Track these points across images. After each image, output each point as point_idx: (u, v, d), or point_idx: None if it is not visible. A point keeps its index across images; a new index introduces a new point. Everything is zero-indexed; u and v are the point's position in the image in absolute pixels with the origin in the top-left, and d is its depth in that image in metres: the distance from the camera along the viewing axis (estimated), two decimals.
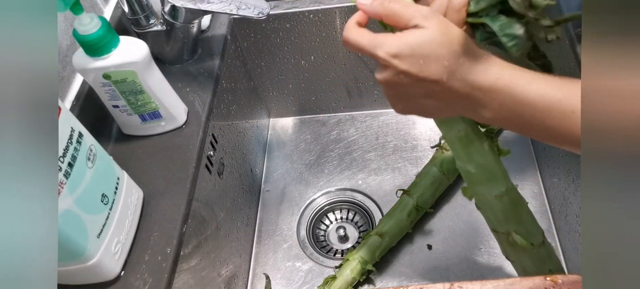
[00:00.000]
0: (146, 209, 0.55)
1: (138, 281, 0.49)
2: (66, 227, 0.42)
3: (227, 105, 0.72)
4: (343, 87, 0.86)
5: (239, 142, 0.76)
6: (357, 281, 0.69)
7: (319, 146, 0.89)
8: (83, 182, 0.44)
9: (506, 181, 0.49)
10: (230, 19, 0.74)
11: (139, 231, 0.53)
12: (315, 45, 0.79)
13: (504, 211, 0.49)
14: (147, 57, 0.55)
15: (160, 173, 0.58)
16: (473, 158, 0.47)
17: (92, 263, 0.46)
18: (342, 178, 0.83)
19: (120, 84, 0.55)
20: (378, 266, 0.72)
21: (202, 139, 0.61)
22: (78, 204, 0.43)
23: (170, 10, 0.62)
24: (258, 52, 0.80)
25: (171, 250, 0.51)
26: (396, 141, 0.87)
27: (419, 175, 0.75)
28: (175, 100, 0.61)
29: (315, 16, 0.74)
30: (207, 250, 0.61)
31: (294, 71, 0.84)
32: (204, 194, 0.61)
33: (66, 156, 0.42)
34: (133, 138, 0.62)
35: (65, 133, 0.42)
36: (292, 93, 0.88)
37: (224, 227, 0.67)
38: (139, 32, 0.64)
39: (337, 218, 0.81)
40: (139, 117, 0.59)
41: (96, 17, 0.50)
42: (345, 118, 0.92)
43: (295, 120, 0.93)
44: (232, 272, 0.69)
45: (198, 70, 0.68)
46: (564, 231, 0.69)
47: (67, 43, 0.61)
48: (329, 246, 0.78)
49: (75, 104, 0.60)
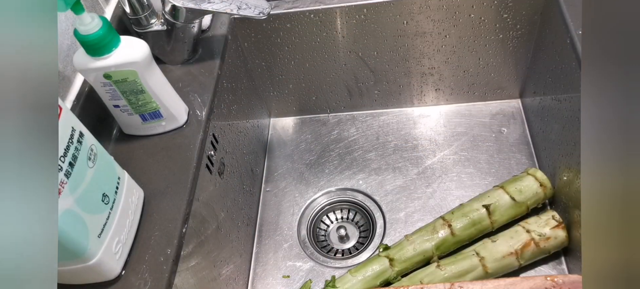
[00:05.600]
0: (147, 209, 0.55)
1: (139, 280, 0.49)
2: (67, 227, 0.42)
3: (228, 105, 0.72)
4: (344, 87, 0.87)
5: (239, 142, 0.76)
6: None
7: (319, 146, 0.89)
8: (84, 182, 0.44)
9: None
10: (231, 18, 0.75)
11: (140, 231, 0.53)
12: (315, 45, 0.79)
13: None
14: (148, 57, 0.55)
15: (161, 173, 0.58)
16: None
17: (92, 263, 0.46)
18: (342, 178, 0.83)
19: (121, 84, 0.55)
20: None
21: (202, 139, 0.61)
22: (79, 204, 0.43)
23: (171, 10, 0.62)
24: (259, 52, 0.80)
25: (172, 250, 0.51)
26: (397, 141, 0.87)
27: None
28: (175, 100, 0.61)
29: (316, 16, 0.74)
30: (207, 250, 0.61)
31: (294, 71, 0.84)
32: (204, 194, 0.61)
33: (67, 156, 0.42)
34: (134, 138, 0.62)
35: (66, 133, 0.42)
36: (293, 93, 0.88)
37: (224, 227, 0.67)
38: (139, 31, 0.64)
39: (337, 218, 0.81)
40: (139, 116, 0.59)
41: (97, 16, 0.50)
42: (346, 118, 0.92)
43: (295, 120, 0.93)
44: (232, 272, 0.69)
45: (199, 70, 0.68)
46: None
47: (68, 43, 0.61)
48: (330, 246, 0.78)
49: (76, 104, 0.60)
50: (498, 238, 0.67)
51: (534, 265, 0.68)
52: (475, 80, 0.84)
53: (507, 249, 0.65)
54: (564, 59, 0.64)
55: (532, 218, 0.68)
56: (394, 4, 0.72)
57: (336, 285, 0.68)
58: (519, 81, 0.84)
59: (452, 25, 0.75)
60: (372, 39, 0.77)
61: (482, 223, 0.69)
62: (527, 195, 0.69)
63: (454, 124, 0.87)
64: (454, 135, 0.85)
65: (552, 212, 0.68)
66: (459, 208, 0.71)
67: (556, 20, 0.66)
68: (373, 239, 0.76)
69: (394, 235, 0.75)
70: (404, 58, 0.80)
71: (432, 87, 0.86)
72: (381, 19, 0.74)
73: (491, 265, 0.65)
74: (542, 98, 0.75)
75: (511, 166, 0.79)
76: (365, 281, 0.68)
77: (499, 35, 0.76)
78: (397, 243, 0.71)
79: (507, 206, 0.69)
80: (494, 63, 0.81)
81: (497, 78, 0.84)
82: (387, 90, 0.87)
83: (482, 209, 0.69)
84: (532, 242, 0.65)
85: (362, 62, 0.81)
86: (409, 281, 0.67)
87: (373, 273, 0.68)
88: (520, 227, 0.67)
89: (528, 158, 0.80)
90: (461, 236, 0.69)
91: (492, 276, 0.65)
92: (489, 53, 0.79)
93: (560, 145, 0.68)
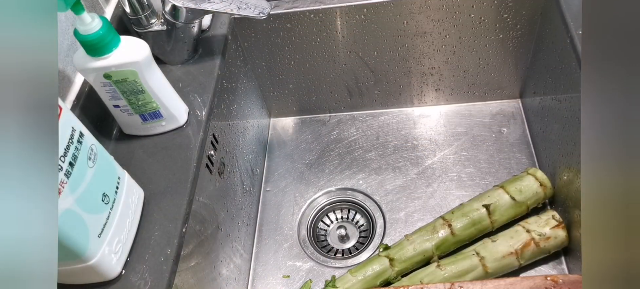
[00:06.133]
0: (147, 209, 0.55)
1: (139, 280, 0.49)
2: (67, 227, 0.42)
3: (228, 105, 0.72)
4: (344, 87, 0.87)
5: (239, 142, 0.76)
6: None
7: (319, 146, 0.89)
8: (84, 182, 0.44)
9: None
10: (231, 18, 0.75)
11: (140, 231, 0.53)
12: (315, 44, 0.79)
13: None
14: (148, 57, 0.55)
15: (161, 173, 0.58)
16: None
17: (92, 263, 0.46)
18: (342, 178, 0.83)
19: (121, 84, 0.55)
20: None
21: (202, 139, 0.61)
22: (79, 204, 0.43)
23: (171, 10, 0.62)
24: (259, 52, 0.80)
25: (172, 250, 0.51)
26: (397, 141, 0.87)
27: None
28: (175, 100, 0.61)
29: (316, 16, 0.74)
30: (207, 250, 0.61)
31: (294, 71, 0.84)
32: (204, 194, 0.61)
33: (67, 156, 0.42)
34: (134, 138, 0.62)
35: (66, 133, 0.42)
36: (293, 93, 0.88)
37: (224, 227, 0.67)
38: (139, 31, 0.64)
39: (337, 218, 0.81)
40: (139, 116, 0.59)
41: (97, 16, 0.50)
42: (346, 117, 0.92)
43: (295, 120, 0.93)
44: (232, 272, 0.69)
45: (199, 69, 0.68)
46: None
47: (68, 42, 0.61)
48: (330, 246, 0.78)
49: (76, 104, 0.60)
50: (498, 238, 0.67)
51: (534, 265, 0.68)
52: (475, 80, 0.84)
53: (507, 249, 0.65)
54: (564, 59, 0.64)
55: (532, 218, 0.68)
56: (394, 4, 0.72)
57: (336, 285, 0.68)
58: (519, 81, 0.84)
59: (452, 25, 0.75)
60: (372, 39, 0.77)
61: (482, 223, 0.69)
62: (527, 195, 0.69)
63: (454, 124, 0.87)
64: (454, 135, 0.85)
65: (552, 212, 0.68)
66: (459, 208, 0.71)
67: (556, 20, 0.66)
68: (373, 239, 0.76)
69: (394, 235, 0.75)
70: (404, 58, 0.80)
71: (432, 87, 0.86)
72: (381, 18, 0.74)
73: (491, 265, 0.65)
74: (542, 98, 0.75)
75: (511, 166, 0.79)
76: (365, 281, 0.68)
77: (499, 35, 0.76)
78: (397, 243, 0.71)
79: (507, 206, 0.69)
80: (494, 63, 0.81)
81: (497, 78, 0.84)
82: (387, 90, 0.87)
83: (482, 209, 0.69)
84: (532, 242, 0.65)
85: (362, 62, 0.81)
86: (409, 281, 0.67)
87: (373, 272, 0.68)
88: (520, 227, 0.67)
89: (528, 158, 0.80)
90: (461, 236, 0.69)
91: (492, 276, 0.65)
92: (489, 53, 0.79)
93: (560, 145, 0.68)
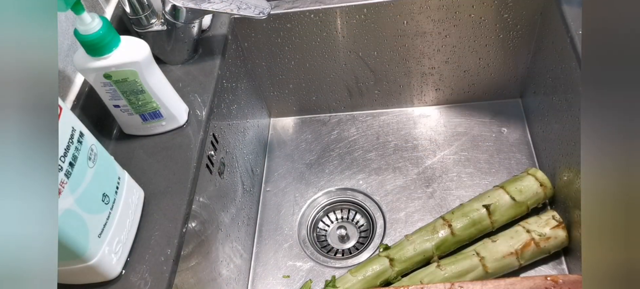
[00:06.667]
0: (147, 209, 0.55)
1: (139, 280, 0.49)
2: (67, 227, 0.42)
3: (228, 105, 0.72)
4: (344, 87, 0.87)
5: (239, 142, 0.76)
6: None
7: (319, 146, 0.89)
8: (84, 182, 0.44)
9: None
10: (231, 18, 0.75)
11: (140, 231, 0.53)
12: (316, 45, 0.79)
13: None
14: (148, 57, 0.55)
15: (161, 173, 0.58)
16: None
17: (93, 263, 0.46)
18: (342, 178, 0.83)
19: (121, 84, 0.55)
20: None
21: (202, 139, 0.61)
22: (79, 204, 0.43)
23: (171, 10, 0.62)
24: (259, 52, 0.80)
25: (172, 250, 0.51)
26: (397, 141, 0.87)
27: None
28: (176, 100, 0.61)
29: (316, 16, 0.74)
30: (207, 250, 0.61)
31: (294, 71, 0.84)
32: (204, 194, 0.61)
33: (67, 156, 0.42)
34: (134, 138, 0.62)
35: (66, 133, 0.42)
36: (293, 93, 0.88)
37: (224, 227, 0.67)
38: (139, 31, 0.64)
39: (337, 218, 0.81)
40: (139, 116, 0.60)
41: (97, 16, 0.50)
42: (346, 117, 0.92)
43: (296, 120, 0.93)
44: (232, 272, 0.69)
45: (199, 69, 0.68)
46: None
47: (68, 42, 0.61)
48: (330, 246, 0.78)
49: (76, 104, 0.60)
50: (498, 238, 0.67)
51: (534, 265, 0.68)
52: (475, 80, 0.84)
53: (507, 249, 0.65)
54: (564, 59, 0.64)
55: (532, 218, 0.68)
56: (394, 4, 0.72)
57: (336, 285, 0.68)
58: (519, 81, 0.84)
59: (452, 25, 0.75)
60: (372, 39, 0.77)
61: (482, 223, 0.69)
62: (527, 195, 0.69)
63: (454, 124, 0.87)
64: (454, 135, 0.85)
65: (552, 212, 0.67)
66: (459, 208, 0.71)
67: (556, 20, 0.66)
68: (373, 239, 0.76)
69: (394, 235, 0.75)
70: (404, 58, 0.80)
71: (432, 87, 0.86)
72: (381, 18, 0.74)
73: (491, 265, 0.65)
74: (542, 98, 0.75)
75: (511, 166, 0.79)
76: (366, 281, 0.68)
77: (499, 35, 0.76)
78: (397, 243, 0.71)
79: (507, 206, 0.69)
80: (494, 63, 0.81)
81: (497, 78, 0.84)
82: (387, 90, 0.87)
83: (482, 209, 0.69)
84: (532, 242, 0.65)
85: (362, 62, 0.81)
86: (409, 281, 0.67)
87: (373, 272, 0.68)
88: (521, 227, 0.67)
89: (528, 158, 0.80)
90: (461, 236, 0.69)
91: (492, 276, 0.65)
92: (489, 54, 0.79)
93: (560, 145, 0.68)
